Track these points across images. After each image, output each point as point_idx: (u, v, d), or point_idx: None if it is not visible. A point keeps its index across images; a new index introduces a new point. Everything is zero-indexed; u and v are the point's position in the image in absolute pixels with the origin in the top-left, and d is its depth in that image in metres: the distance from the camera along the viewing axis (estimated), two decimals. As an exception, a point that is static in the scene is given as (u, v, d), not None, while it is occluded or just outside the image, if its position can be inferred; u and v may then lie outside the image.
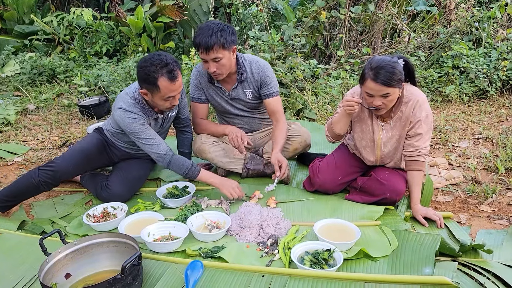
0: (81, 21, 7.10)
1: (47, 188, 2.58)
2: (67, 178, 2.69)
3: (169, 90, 2.37)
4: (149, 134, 2.54)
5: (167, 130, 2.96)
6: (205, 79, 2.85)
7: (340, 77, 4.94)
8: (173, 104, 2.50)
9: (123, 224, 2.35)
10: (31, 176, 2.53)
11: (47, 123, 4.59)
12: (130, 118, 2.49)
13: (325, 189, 2.64)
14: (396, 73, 2.18)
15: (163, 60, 2.32)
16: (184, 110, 2.91)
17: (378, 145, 2.50)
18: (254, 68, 2.78)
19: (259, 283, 1.87)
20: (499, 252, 2.05)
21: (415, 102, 2.33)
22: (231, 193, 2.56)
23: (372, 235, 2.20)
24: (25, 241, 2.33)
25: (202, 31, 2.51)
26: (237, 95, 2.85)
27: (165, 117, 2.75)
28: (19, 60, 6.28)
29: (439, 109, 4.61)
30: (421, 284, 1.76)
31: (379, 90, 2.21)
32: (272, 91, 2.80)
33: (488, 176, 2.95)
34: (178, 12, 7.16)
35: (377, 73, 2.18)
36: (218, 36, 2.48)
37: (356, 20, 5.82)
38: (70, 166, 2.60)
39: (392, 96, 2.24)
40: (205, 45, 2.49)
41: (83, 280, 1.95)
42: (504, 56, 4.99)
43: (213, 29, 2.49)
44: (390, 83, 2.18)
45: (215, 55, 2.52)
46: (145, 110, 2.57)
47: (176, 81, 2.37)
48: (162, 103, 2.46)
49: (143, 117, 2.54)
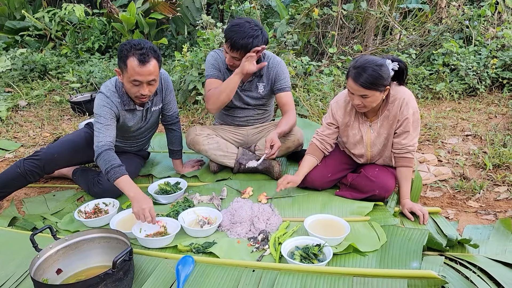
0: (73, 17, 7.07)
1: (33, 179, 2.58)
2: (53, 168, 2.67)
3: (135, 72, 2.34)
4: (104, 123, 2.47)
5: (154, 126, 2.96)
6: (224, 66, 2.87)
7: (332, 74, 4.96)
8: (141, 92, 2.43)
9: (115, 220, 2.36)
10: (16, 166, 2.55)
11: (39, 120, 4.57)
12: (103, 101, 2.50)
13: (315, 186, 2.67)
14: (378, 78, 2.18)
15: (141, 44, 2.34)
16: (169, 106, 2.88)
17: (368, 145, 2.53)
18: (271, 63, 2.85)
19: (249, 278, 1.89)
20: (486, 246, 2.09)
21: (401, 100, 2.35)
22: (139, 214, 2.17)
23: (362, 230, 2.23)
24: (16, 237, 2.33)
25: (237, 29, 2.55)
26: (250, 88, 2.91)
27: (147, 111, 2.74)
28: (10, 56, 6.25)
29: (429, 106, 4.65)
30: (408, 278, 1.79)
31: (357, 90, 2.23)
32: (285, 85, 2.87)
33: (476, 172, 2.99)
34: (171, 8, 7.15)
35: (359, 74, 2.19)
36: (249, 42, 2.55)
37: (348, 18, 5.84)
38: (55, 154, 2.61)
39: (371, 98, 2.25)
40: (233, 45, 2.57)
41: (75, 275, 1.96)
42: (493, 54, 5.04)
43: (248, 33, 2.54)
44: (369, 86, 2.19)
45: (236, 55, 2.60)
46: (124, 99, 2.57)
47: (144, 65, 2.33)
48: (129, 86, 2.42)
49: (115, 107, 2.53)
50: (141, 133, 2.87)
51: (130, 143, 2.92)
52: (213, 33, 4.72)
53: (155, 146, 3.73)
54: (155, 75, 2.41)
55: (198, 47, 4.85)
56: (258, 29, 2.58)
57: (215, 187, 2.85)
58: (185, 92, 4.69)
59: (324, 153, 2.67)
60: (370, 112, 2.46)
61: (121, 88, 2.56)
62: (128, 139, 2.87)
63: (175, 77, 4.99)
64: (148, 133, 2.96)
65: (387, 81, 2.22)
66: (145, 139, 3.00)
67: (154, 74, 2.40)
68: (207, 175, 3.04)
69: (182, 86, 4.76)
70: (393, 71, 2.26)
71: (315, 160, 2.64)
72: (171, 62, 6.47)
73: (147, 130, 2.90)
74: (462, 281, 1.82)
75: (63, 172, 3.07)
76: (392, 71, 2.26)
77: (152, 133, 3.03)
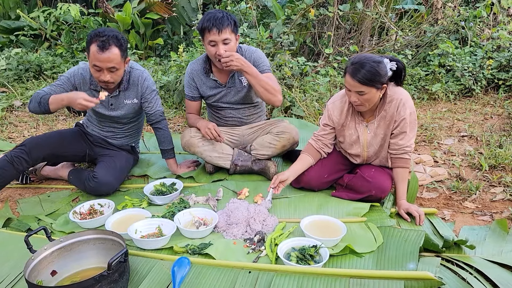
0: (68, 16, 7.02)
1: (21, 166, 2.62)
2: (38, 154, 2.69)
3: (95, 58, 2.50)
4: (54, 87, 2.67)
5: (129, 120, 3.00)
6: (200, 73, 2.93)
7: (328, 74, 4.96)
8: (102, 78, 2.58)
9: (110, 221, 2.35)
10: (4, 155, 2.64)
11: (34, 120, 4.55)
12: (71, 70, 2.76)
13: (311, 186, 2.66)
14: (376, 74, 2.19)
15: (104, 32, 2.52)
16: (150, 105, 2.90)
17: (364, 145, 2.53)
18: (247, 53, 2.87)
19: (245, 280, 1.88)
20: (482, 247, 2.09)
21: (398, 101, 2.35)
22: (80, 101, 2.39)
23: (358, 231, 2.23)
24: (10, 239, 2.31)
25: (212, 15, 2.62)
26: (233, 84, 2.92)
27: (116, 100, 2.83)
28: (5, 56, 6.21)
29: (425, 107, 4.67)
30: (405, 279, 1.79)
31: (354, 86, 2.24)
32: (265, 68, 2.87)
33: (472, 173, 3.00)
34: (167, 8, 7.13)
35: (356, 70, 2.21)
36: (230, 19, 2.64)
37: (344, 18, 5.85)
38: (40, 139, 2.73)
39: (367, 95, 2.25)
40: (219, 25, 2.59)
41: (69, 277, 1.94)
42: (489, 55, 5.06)
43: (223, 13, 2.64)
44: (366, 82, 2.20)
45: (227, 35, 2.63)
46: (92, 79, 2.75)
47: (103, 52, 2.48)
48: (93, 71, 2.60)
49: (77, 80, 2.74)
50: (113, 122, 2.95)
51: (107, 133, 3.01)
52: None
53: (150, 147, 3.72)
54: (115, 62, 2.56)
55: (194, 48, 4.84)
56: (227, 13, 2.68)
57: (211, 188, 2.84)
58: (180, 93, 4.68)
59: (320, 153, 2.65)
60: (367, 112, 2.46)
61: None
62: (103, 126, 2.99)
63: (171, 77, 4.98)
64: (123, 125, 3.01)
65: (384, 79, 2.23)
66: (123, 131, 3.04)
67: (115, 61, 2.55)
68: (203, 176, 3.04)
69: (178, 87, 4.75)
70: (391, 70, 2.26)
71: (310, 158, 2.63)
72: (167, 62, 6.45)
73: (121, 121, 2.96)
74: (458, 282, 1.82)
75: (59, 174, 3.06)
76: (390, 71, 2.26)
77: (130, 128, 3.06)
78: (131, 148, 3.13)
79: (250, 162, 2.95)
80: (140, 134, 3.23)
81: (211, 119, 3.19)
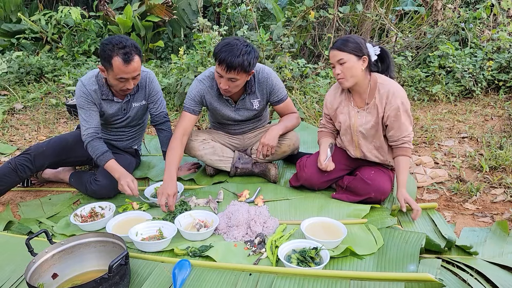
0: (69, 19, 7.04)
1: (24, 173, 2.63)
2: (42, 162, 2.69)
3: (121, 70, 2.46)
4: (85, 112, 2.67)
5: (137, 123, 3.01)
6: (214, 93, 2.80)
7: (328, 76, 4.97)
8: (127, 87, 2.57)
9: (111, 223, 2.35)
10: (8, 162, 2.65)
11: (35, 123, 4.55)
12: (79, 90, 2.66)
13: (311, 184, 2.66)
14: (353, 42, 2.31)
15: (122, 42, 2.44)
16: (156, 106, 2.90)
17: (354, 130, 2.53)
18: (261, 77, 2.77)
19: (246, 282, 1.88)
20: (482, 249, 2.09)
21: (387, 90, 2.38)
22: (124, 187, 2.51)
23: (358, 233, 2.23)
24: (11, 242, 2.31)
25: (230, 48, 2.44)
26: (244, 105, 2.86)
27: (127, 104, 2.81)
28: (6, 59, 6.22)
29: (425, 108, 4.66)
30: (405, 281, 1.78)
31: (334, 56, 2.35)
32: (282, 96, 2.85)
33: (472, 174, 3.00)
34: (167, 11, 7.15)
35: (336, 41, 2.36)
36: (244, 59, 2.44)
37: (344, 20, 5.86)
38: (44, 147, 2.71)
39: (348, 64, 2.32)
40: (229, 64, 2.43)
41: (70, 280, 1.95)
42: (489, 56, 5.06)
43: (241, 50, 2.44)
44: (343, 48, 2.30)
45: (234, 76, 2.49)
46: (103, 89, 2.70)
47: (129, 64, 2.45)
48: (116, 82, 2.56)
49: (90, 95, 2.66)
50: (122, 126, 2.93)
51: (114, 137, 2.99)
52: (210, 35, 4.72)
53: (151, 149, 3.72)
54: (139, 70, 2.56)
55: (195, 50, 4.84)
56: (249, 46, 2.51)
57: (212, 190, 2.85)
58: (181, 95, 4.69)
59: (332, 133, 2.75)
60: (357, 96, 2.50)
61: (102, 79, 2.67)
62: (110, 130, 2.96)
63: (172, 80, 4.98)
64: (130, 128, 3.00)
65: (364, 50, 2.34)
66: (128, 134, 3.03)
67: (138, 69, 2.54)
68: (204, 178, 3.04)
69: (178, 89, 4.75)
70: (375, 56, 2.38)
71: (329, 138, 2.72)
72: (167, 65, 6.46)
73: (129, 125, 2.96)
74: (459, 284, 1.83)
75: (60, 177, 3.06)
76: (375, 56, 2.38)
77: (136, 131, 3.07)
78: (135, 151, 3.14)
79: (250, 165, 2.95)
80: (142, 135, 3.23)
81: (212, 123, 3.19)
